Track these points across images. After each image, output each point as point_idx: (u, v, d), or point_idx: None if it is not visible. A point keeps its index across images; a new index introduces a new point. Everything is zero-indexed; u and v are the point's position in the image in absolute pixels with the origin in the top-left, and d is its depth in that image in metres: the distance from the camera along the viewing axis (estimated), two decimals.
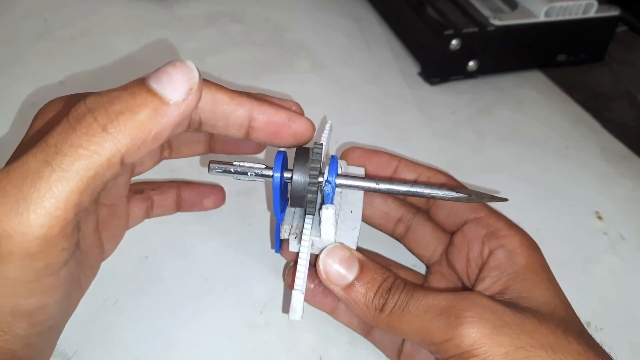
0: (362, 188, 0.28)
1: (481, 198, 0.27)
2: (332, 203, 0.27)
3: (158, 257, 0.36)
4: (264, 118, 0.26)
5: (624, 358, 0.33)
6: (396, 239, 0.35)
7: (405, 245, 0.35)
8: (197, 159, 0.43)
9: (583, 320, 0.34)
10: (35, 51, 0.52)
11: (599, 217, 0.41)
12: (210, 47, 0.55)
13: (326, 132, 0.31)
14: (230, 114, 0.25)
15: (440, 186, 0.27)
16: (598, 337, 0.33)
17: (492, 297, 0.25)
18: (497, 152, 0.46)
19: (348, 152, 0.33)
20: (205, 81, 0.24)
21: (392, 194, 0.29)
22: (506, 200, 0.28)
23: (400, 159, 0.33)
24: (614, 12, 0.53)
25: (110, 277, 0.34)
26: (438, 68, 0.52)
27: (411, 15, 0.54)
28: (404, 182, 0.28)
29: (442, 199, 0.27)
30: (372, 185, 0.28)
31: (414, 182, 0.28)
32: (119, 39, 0.55)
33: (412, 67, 0.55)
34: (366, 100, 0.50)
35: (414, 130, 0.48)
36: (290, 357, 0.31)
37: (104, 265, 0.35)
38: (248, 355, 0.31)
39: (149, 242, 0.36)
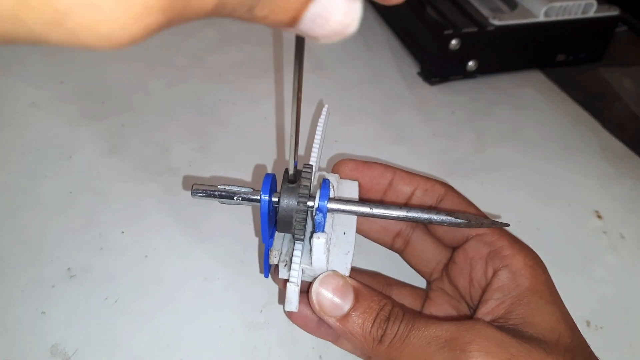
0: (355, 213, 0.26)
1: (481, 224, 0.26)
2: (323, 231, 0.26)
3: (158, 257, 0.36)
4: None
5: (623, 357, 0.33)
6: (396, 252, 0.35)
7: (405, 259, 0.34)
8: (196, 158, 0.43)
9: (582, 319, 0.34)
10: (35, 51, 0.52)
11: (599, 216, 0.41)
12: (210, 47, 0.55)
13: (323, 117, 0.31)
14: None
15: (438, 211, 0.26)
16: (597, 336, 0.33)
17: (497, 326, 0.24)
18: (497, 151, 0.46)
19: (340, 165, 0.31)
20: None
21: (387, 219, 0.27)
22: (507, 225, 0.27)
23: (395, 170, 0.31)
24: (614, 12, 0.53)
25: (110, 277, 0.34)
26: (438, 68, 0.52)
27: (411, 16, 0.54)
28: (399, 206, 0.26)
29: (441, 224, 0.26)
30: (366, 210, 0.26)
31: (411, 207, 0.26)
32: None
33: (411, 67, 0.55)
34: (366, 100, 0.50)
35: (413, 130, 0.48)
36: (290, 356, 0.31)
37: (104, 265, 0.35)
38: (248, 354, 0.31)
39: (149, 242, 0.36)
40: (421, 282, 0.34)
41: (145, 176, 0.41)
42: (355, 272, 0.32)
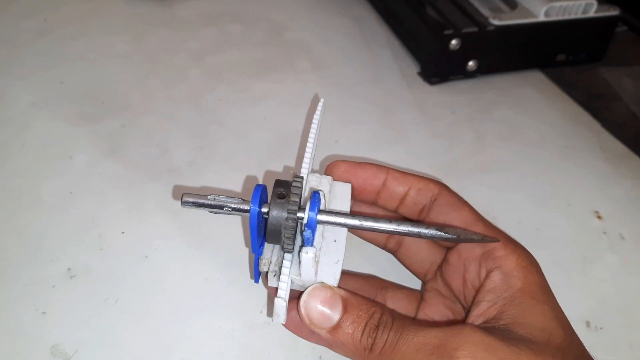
0: (345, 226, 0.27)
1: (470, 239, 0.26)
2: (312, 246, 0.26)
3: (158, 257, 0.36)
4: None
5: (623, 358, 0.33)
6: (389, 252, 0.35)
7: (399, 260, 0.34)
8: (196, 158, 0.43)
9: (582, 319, 0.34)
10: (35, 51, 0.52)
11: (599, 217, 0.41)
12: (210, 47, 0.55)
13: (319, 111, 0.31)
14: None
15: (427, 225, 0.26)
16: (597, 336, 0.33)
17: (486, 330, 0.24)
18: (497, 152, 0.46)
19: (333, 167, 0.31)
20: None
21: (377, 232, 0.27)
22: (497, 241, 0.27)
23: (388, 170, 0.31)
24: (614, 12, 0.53)
25: (110, 277, 0.34)
26: (438, 68, 0.52)
27: (411, 15, 0.54)
28: (389, 220, 0.26)
29: (431, 239, 0.26)
30: (356, 223, 0.26)
31: (401, 221, 0.26)
32: (119, 39, 0.55)
33: (411, 67, 0.55)
34: (366, 100, 0.50)
35: (413, 130, 0.48)
36: (290, 356, 0.32)
37: (104, 265, 0.35)
38: (248, 354, 0.31)
39: (149, 242, 0.36)
40: (419, 283, 0.34)
41: (145, 176, 0.41)
42: (349, 275, 0.32)
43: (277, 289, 0.26)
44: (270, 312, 0.33)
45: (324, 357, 0.32)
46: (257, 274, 0.29)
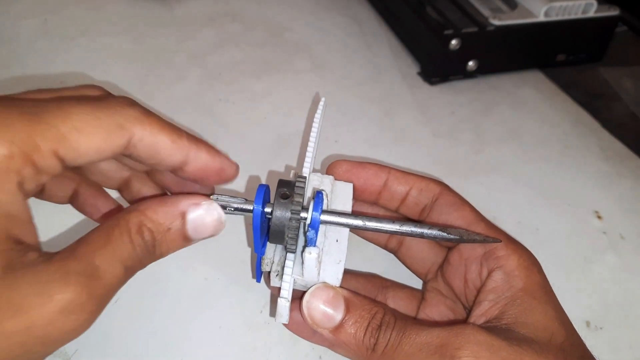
0: (348, 226, 0.27)
1: (473, 239, 0.27)
2: (315, 246, 0.26)
3: None
4: (199, 164, 0.26)
5: (623, 357, 0.33)
6: (390, 252, 0.35)
7: (400, 259, 0.34)
8: None
9: (582, 319, 0.34)
10: (35, 51, 0.52)
11: (599, 217, 0.41)
12: (210, 47, 0.55)
13: (320, 110, 0.31)
14: (168, 157, 0.25)
15: (430, 226, 0.26)
16: (597, 336, 0.33)
17: (488, 329, 0.24)
18: (497, 152, 0.46)
19: (334, 167, 0.31)
20: (148, 116, 0.24)
21: (380, 232, 0.27)
22: (499, 241, 0.27)
23: (389, 170, 0.31)
24: (614, 12, 0.53)
25: None
26: (438, 68, 0.52)
27: (411, 15, 0.54)
28: (392, 220, 0.26)
29: (433, 239, 0.26)
30: (359, 223, 0.26)
31: (404, 221, 0.26)
32: (119, 39, 0.55)
33: (411, 67, 0.55)
34: (366, 100, 0.50)
35: (413, 130, 0.48)
36: (290, 356, 0.31)
37: None
38: (248, 354, 0.31)
39: None
40: (420, 282, 0.34)
41: None
42: (351, 275, 0.32)
43: (279, 289, 0.26)
44: (272, 312, 0.33)
45: (323, 357, 0.32)
46: (259, 273, 0.29)
